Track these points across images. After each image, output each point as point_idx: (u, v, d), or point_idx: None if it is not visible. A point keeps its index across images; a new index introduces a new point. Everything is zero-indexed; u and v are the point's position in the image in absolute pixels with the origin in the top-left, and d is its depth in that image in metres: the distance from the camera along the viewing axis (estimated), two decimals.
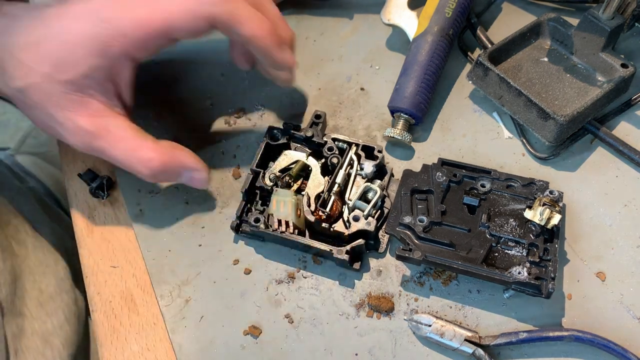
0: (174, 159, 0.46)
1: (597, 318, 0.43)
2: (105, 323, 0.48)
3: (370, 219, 0.46)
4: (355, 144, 0.49)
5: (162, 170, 0.46)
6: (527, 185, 0.46)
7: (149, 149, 0.45)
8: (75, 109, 0.44)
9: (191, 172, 0.47)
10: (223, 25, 0.43)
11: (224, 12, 0.42)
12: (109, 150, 0.45)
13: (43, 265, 0.59)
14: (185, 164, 0.47)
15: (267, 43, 0.44)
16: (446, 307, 0.45)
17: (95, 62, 0.43)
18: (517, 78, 0.52)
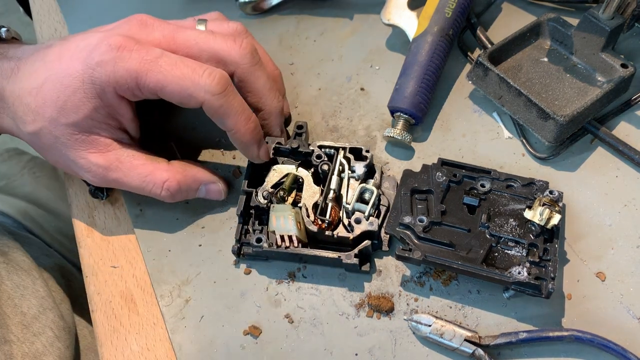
0: (188, 176, 0.49)
1: (597, 318, 0.43)
2: (105, 323, 0.48)
3: (372, 219, 0.46)
4: (342, 147, 0.49)
5: (178, 190, 0.48)
6: (527, 185, 0.46)
7: (162, 171, 0.48)
8: (85, 147, 0.46)
9: (207, 186, 0.50)
10: (210, 113, 0.45)
11: (216, 105, 0.44)
12: (124, 179, 0.47)
13: (21, 288, 0.58)
14: (200, 179, 0.49)
15: (245, 140, 0.47)
16: (446, 307, 0.45)
17: (94, 104, 0.45)
18: (517, 78, 0.52)
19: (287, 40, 0.61)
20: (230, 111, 0.45)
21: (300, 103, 0.56)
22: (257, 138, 0.48)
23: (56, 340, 0.57)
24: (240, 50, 0.46)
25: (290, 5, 0.63)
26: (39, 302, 0.58)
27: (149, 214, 0.52)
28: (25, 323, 0.56)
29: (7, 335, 0.53)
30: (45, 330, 0.57)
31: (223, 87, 0.44)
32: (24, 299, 0.57)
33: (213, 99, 0.44)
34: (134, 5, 0.66)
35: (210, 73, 0.44)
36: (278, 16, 0.63)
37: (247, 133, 0.46)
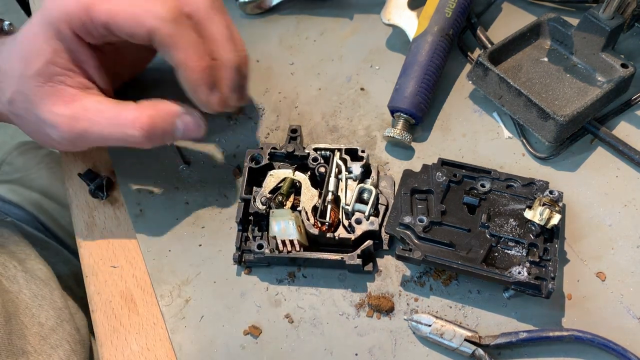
0: (160, 110, 0.45)
1: (597, 318, 0.43)
2: (105, 323, 0.48)
3: (372, 219, 0.46)
4: (337, 149, 0.49)
5: (152, 126, 0.44)
6: (527, 185, 0.46)
7: (131, 110, 0.45)
8: (51, 100, 0.45)
9: (183, 117, 0.46)
10: (160, 43, 0.43)
11: (165, 31, 0.42)
12: (93, 128, 0.45)
13: (39, 298, 0.57)
14: (174, 111, 0.46)
15: (193, 77, 0.43)
16: (446, 307, 0.45)
17: (53, 46, 0.44)
18: (517, 78, 0.52)
19: (287, 40, 0.61)
20: (180, 43, 0.42)
21: (300, 103, 0.56)
22: (208, 80, 0.44)
23: (72, 354, 0.56)
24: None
25: (290, 5, 0.63)
26: (57, 313, 0.57)
27: (149, 214, 0.52)
28: (43, 335, 0.54)
29: (25, 346, 0.52)
30: (62, 344, 0.55)
31: (174, 14, 0.42)
32: (42, 309, 0.56)
33: (162, 26, 0.42)
34: None
35: (163, 1, 0.42)
36: (278, 16, 0.63)
37: (196, 70, 0.43)
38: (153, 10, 0.42)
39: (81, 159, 0.56)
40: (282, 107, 0.57)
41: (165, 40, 0.42)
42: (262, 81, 0.58)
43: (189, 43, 0.43)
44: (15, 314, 0.53)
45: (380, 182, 0.49)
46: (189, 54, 0.43)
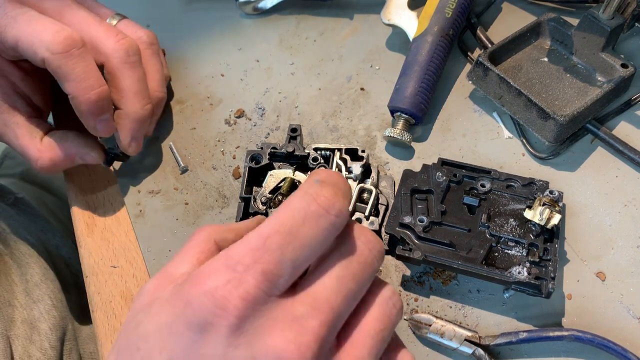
0: (60, 152, 0.49)
1: (597, 318, 0.43)
2: (105, 323, 0.48)
3: (372, 219, 0.46)
4: (337, 149, 0.49)
5: (52, 165, 0.49)
6: (527, 185, 0.46)
7: (35, 150, 0.49)
8: None
9: (82, 156, 0.50)
10: (52, 72, 0.44)
11: (55, 63, 0.43)
12: (12, 145, 0.50)
13: (27, 256, 0.61)
14: (74, 153, 0.50)
15: (81, 108, 0.46)
16: (446, 306, 0.45)
17: None
18: (517, 78, 0.52)
19: (287, 40, 0.61)
20: (70, 75, 0.44)
21: (300, 103, 0.56)
22: (96, 111, 0.46)
23: (53, 309, 0.59)
24: (115, 43, 0.46)
25: (290, 5, 0.63)
26: (42, 271, 0.61)
27: (149, 214, 0.52)
28: (28, 290, 0.58)
29: (12, 300, 0.55)
30: (43, 298, 0.58)
31: (65, 47, 0.43)
32: (29, 267, 0.60)
33: (52, 58, 0.43)
34: (133, 4, 0.65)
35: (57, 31, 0.43)
36: (278, 16, 0.63)
37: (85, 102, 0.45)
38: (44, 41, 0.43)
39: None
40: (282, 107, 0.57)
41: (55, 71, 0.44)
42: (262, 81, 0.58)
43: (77, 76, 0.44)
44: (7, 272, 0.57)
45: (380, 182, 0.50)
46: (77, 86, 0.44)
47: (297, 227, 0.29)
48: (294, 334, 0.27)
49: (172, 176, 0.54)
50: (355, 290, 0.30)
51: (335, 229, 0.30)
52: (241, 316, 0.27)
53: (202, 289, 0.27)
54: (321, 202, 0.29)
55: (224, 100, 0.58)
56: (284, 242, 0.28)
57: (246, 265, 0.27)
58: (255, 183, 0.49)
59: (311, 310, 0.28)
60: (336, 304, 0.29)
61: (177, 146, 0.55)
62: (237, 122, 0.56)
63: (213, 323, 0.27)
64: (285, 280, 0.28)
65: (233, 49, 0.61)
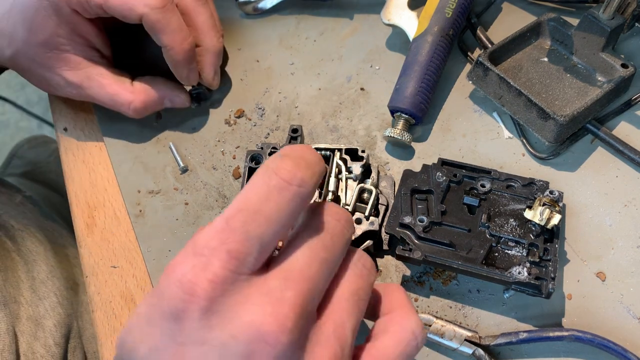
0: (151, 94, 0.53)
1: (597, 318, 0.43)
2: (105, 323, 0.48)
3: (372, 219, 0.46)
4: (337, 149, 0.49)
5: (144, 107, 0.53)
6: (527, 185, 0.46)
7: (127, 93, 0.52)
8: (58, 65, 0.51)
9: (171, 99, 0.54)
10: (148, 27, 0.48)
11: (153, 17, 0.47)
12: (95, 96, 0.52)
13: (33, 253, 0.62)
14: (163, 95, 0.53)
15: (178, 58, 0.50)
16: (446, 307, 0.45)
17: (55, 21, 0.49)
18: (517, 78, 0.52)
19: (287, 40, 0.61)
20: (167, 27, 0.48)
21: (300, 103, 0.56)
22: (188, 59, 0.51)
23: (58, 306, 0.59)
24: None
25: (290, 5, 0.63)
26: (49, 269, 0.62)
27: (149, 214, 0.52)
28: (34, 287, 0.59)
29: (18, 297, 0.56)
30: (49, 295, 0.59)
31: (162, 3, 0.47)
32: (36, 264, 0.61)
33: (151, 13, 0.47)
34: None
35: None
36: (278, 16, 0.63)
37: (180, 52, 0.49)
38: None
39: (81, 158, 0.56)
40: (282, 107, 0.57)
41: (154, 25, 0.48)
42: (262, 81, 0.58)
43: (174, 27, 0.48)
44: (14, 268, 0.58)
45: (380, 182, 0.50)
46: (174, 38, 0.49)
47: (259, 204, 0.29)
48: (270, 306, 0.27)
49: (172, 176, 0.54)
50: (328, 260, 0.30)
51: (301, 200, 0.29)
52: (210, 298, 0.27)
53: (171, 278, 0.28)
54: (282, 174, 0.29)
55: (224, 100, 0.58)
56: (247, 219, 0.28)
57: (212, 248, 0.28)
58: None
59: (285, 282, 0.28)
60: (310, 273, 0.29)
61: (177, 146, 0.55)
62: (237, 122, 0.56)
63: (184, 309, 0.27)
64: (254, 257, 0.28)
65: (233, 49, 0.61)
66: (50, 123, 1.58)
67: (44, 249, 0.63)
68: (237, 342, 0.26)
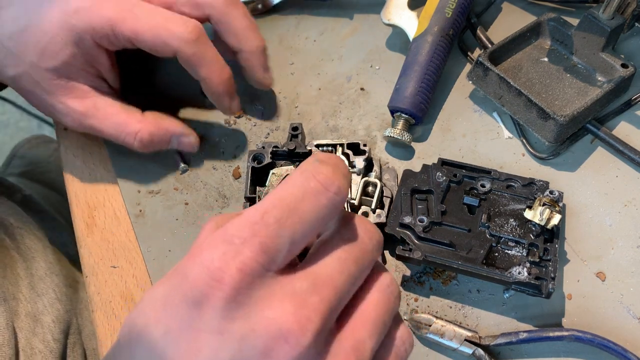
0: (160, 128, 0.50)
1: (597, 318, 0.43)
2: (105, 323, 0.48)
3: (379, 211, 0.46)
4: (339, 144, 0.49)
5: (150, 141, 0.50)
6: (527, 185, 0.46)
7: (136, 122, 0.49)
8: (63, 93, 0.48)
9: (178, 138, 0.51)
10: (184, 61, 0.47)
11: (189, 52, 0.46)
12: (100, 127, 0.49)
13: (32, 250, 0.61)
14: (172, 132, 0.51)
15: (218, 90, 0.49)
16: (446, 307, 0.45)
17: (72, 50, 0.46)
18: (517, 78, 0.52)
19: (287, 40, 0.61)
20: (203, 60, 0.46)
21: (300, 103, 0.56)
22: (230, 89, 0.49)
23: (56, 302, 0.59)
24: None
25: (290, 5, 0.63)
26: (47, 266, 0.61)
27: (149, 214, 0.52)
28: (32, 284, 0.58)
29: (17, 293, 0.56)
30: (48, 292, 0.59)
31: (196, 35, 0.45)
32: (34, 261, 0.60)
33: (186, 47, 0.45)
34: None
35: (184, 22, 0.45)
36: (278, 16, 0.63)
37: (220, 83, 0.48)
38: (176, 32, 0.45)
39: (81, 159, 0.56)
40: (282, 107, 0.57)
41: (189, 59, 0.46)
42: None
43: (210, 59, 0.47)
44: (12, 265, 0.57)
45: (383, 174, 0.50)
46: (212, 70, 0.47)
47: (295, 203, 0.28)
48: (294, 306, 0.27)
49: (172, 176, 0.54)
50: (355, 274, 0.30)
51: (334, 207, 0.29)
52: (237, 287, 0.26)
53: (197, 261, 0.27)
54: (320, 179, 0.29)
55: None
56: (282, 216, 0.28)
57: (243, 238, 0.27)
58: (258, 182, 0.49)
59: (312, 287, 0.28)
60: (337, 283, 0.28)
61: None
62: (237, 122, 0.56)
63: (208, 295, 0.26)
64: (283, 255, 0.28)
65: None
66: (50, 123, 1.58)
67: (43, 246, 0.63)
68: (256, 336, 0.26)
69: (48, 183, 0.83)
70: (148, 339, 0.27)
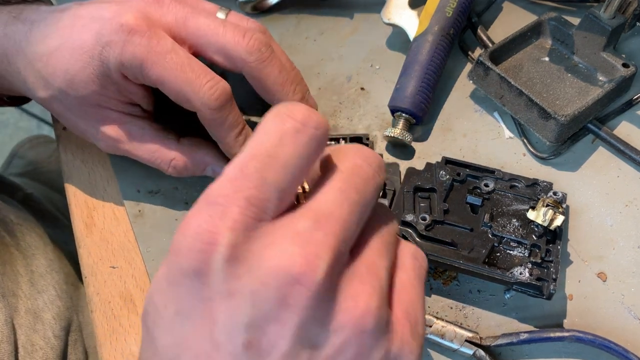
0: (196, 158, 0.49)
1: (598, 318, 0.43)
2: (104, 324, 0.47)
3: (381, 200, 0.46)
4: (342, 137, 0.49)
5: (184, 168, 0.49)
6: (531, 185, 0.46)
7: (171, 150, 0.48)
8: (95, 118, 0.47)
9: (214, 168, 0.50)
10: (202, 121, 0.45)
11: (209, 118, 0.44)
12: (134, 152, 0.48)
13: (32, 248, 0.61)
14: (207, 162, 0.49)
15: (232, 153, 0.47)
16: (447, 307, 0.45)
17: (102, 81, 0.45)
18: (517, 78, 0.52)
19: (287, 40, 0.61)
20: (222, 126, 0.45)
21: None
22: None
23: (57, 299, 0.59)
24: (247, 46, 0.45)
25: (290, 5, 0.63)
26: (48, 263, 0.61)
27: (149, 214, 0.52)
28: (32, 281, 0.58)
29: (17, 290, 0.55)
30: (48, 289, 0.59)
31: (221, 103, 0.44)
32: (34, 258, 0.60)
33: (207, 112, 0.44)
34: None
35: (212, 86, 0.43)
36: (278, 16, 0.63)
37: (235, 147, 0.47)
38: (201, 95, 0.43)
39: (80, 158, 0.56)
40: None
41: (208, 123, 0.45)
42: None
43: (229, 125, 0.45)
44: (12, 262, 0.57)
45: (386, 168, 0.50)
46: (228, 135, 0.46)
47: (274, 148, 0.27)
48: (299, 247, 0.25)
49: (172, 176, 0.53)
50: (360, 202, 0.28)
51: (317, 143, 0.28)
52: (233, 245, 0.25)
53: (186, 232, 0.26)
54: (297, 117, 0.27)
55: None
56: (262, 165, 0.26)
57: (227, 196, 0.26)
58: None
59: (315, 223, 0.26)
60: (342, 215, 0.27)
61: None
62: None
63: (206, 261, 0.25)
64: (273, 204, 0.26)
65: None
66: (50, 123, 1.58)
67: (44, 243, 0.63)
68: (268, 288, 0.25)
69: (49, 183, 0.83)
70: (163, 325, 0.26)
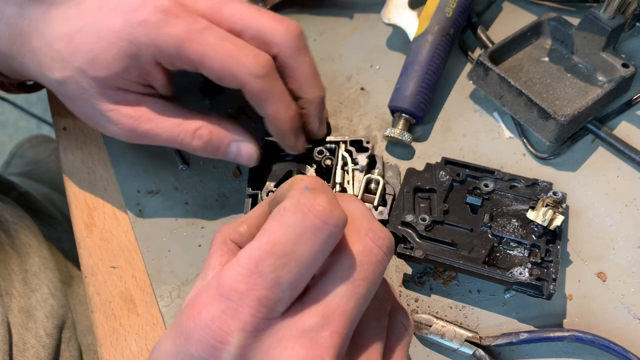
0: (222, 128, 0.46)
1: (598, 318, 0.43)
2: (104, 324, 0.47)
3: (381, 208, 0.46)
4: (342, 141, 0.49)
5: (209, 140, 0.46)
6: (531, 185, 0.46)
7: (196, 119, 0.46)
8: (114, 100, 0.45)
9: (239, 144, 0.47)
10: (250, 95, 0.43)
11: (258, 88, 0.42)
12: (156, 130, 0.45)
13: (27, 246, 0.60)
14: (233, 135, 0.47)
15: (283, 128, 0.45)
16: (446, 307, 0.45)
17: (126, 63, 0.43)
18: (517, 78, 0.52)
19: None
20: (271, 96, 0.43)
21: None
22: (295, 127, 0.46)
23: (50, 297, 0.58)
24: (285, 31, 0.44)
25: (290, 5, 0.63)
26: (42, 261, 0.60)
27: (149, 214, 0.52)
28: (26, 280, 0.57)
29: (10, 289, 0.55)
30: (41, 287, 0.58)
31: (267, 70, 0.42)
32: (29, 257, 0.59)
33: (255, 82, 0.42)
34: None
35: (256, 55, 0.42)
36: None
37: (285, 121, 0.45)
38: (247, 65, 0.42)
39: (80, 158, 0.56)
40: None
41: (257, 94, 0.43)
42: None
43: (278, 96, 0.44)
44: (6, 261, 0.56)
45: (386, 172, 0.50)
46: (279, 107, 0.44)
47: (292, 246, 0.26)
48: (304, 349, 0.26)
49: (172, 176, 0.54)
50: (366, 294, 0.29)
51: (335, 239, 0.28)
52: (242, 346, 0.26)
53: (198, 322, 0.26)
54: (317, 213, 0.27)
55: (224, 100, 0.57)
56: (278, 264, 0.26)
57: (240, 293, 0.26)
58: (258, 182, 0.49)
59: (322, 320, 0.27)
60: (348, 310, 0.27)
61: None
62: None
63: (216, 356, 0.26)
64: (284, 302, 0.27)
65: None
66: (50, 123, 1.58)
67: (37, 241, 0.63)
68: None
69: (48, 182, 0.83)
70: None
